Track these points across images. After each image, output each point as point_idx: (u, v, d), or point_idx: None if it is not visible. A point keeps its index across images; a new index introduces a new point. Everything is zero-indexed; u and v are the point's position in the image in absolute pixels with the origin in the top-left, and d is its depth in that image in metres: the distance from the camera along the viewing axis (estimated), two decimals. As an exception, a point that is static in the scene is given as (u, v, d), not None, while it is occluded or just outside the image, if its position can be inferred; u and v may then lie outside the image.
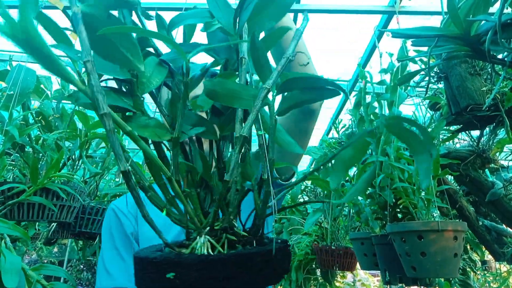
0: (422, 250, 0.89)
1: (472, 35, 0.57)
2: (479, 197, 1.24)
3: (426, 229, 0.89)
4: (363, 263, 1.33)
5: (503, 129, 0.97)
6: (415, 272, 0.92)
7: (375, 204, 1.20)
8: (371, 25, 2.09)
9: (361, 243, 1.30)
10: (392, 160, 1.10)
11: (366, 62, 2.21)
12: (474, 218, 1.33)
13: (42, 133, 1.24)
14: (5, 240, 0.61)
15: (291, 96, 0.41)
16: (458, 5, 0.56)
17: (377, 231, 1.18)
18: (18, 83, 1.13)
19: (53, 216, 1.10)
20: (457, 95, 0.83)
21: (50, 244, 2.38)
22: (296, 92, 0.40)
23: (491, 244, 1.34)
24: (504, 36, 0.51)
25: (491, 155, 1.17)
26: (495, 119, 0.86)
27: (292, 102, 0.41)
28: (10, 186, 1.01)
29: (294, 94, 0.41)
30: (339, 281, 2.65)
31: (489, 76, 0.83)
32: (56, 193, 1.09)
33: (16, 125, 1.12)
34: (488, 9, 0.56)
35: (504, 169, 1.32)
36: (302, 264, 2.21)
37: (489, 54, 0.54)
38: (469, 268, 1.80)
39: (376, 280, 3.99)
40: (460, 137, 1.26)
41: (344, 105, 2.93)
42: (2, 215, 0.96)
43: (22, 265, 0.49)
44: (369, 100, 1.29)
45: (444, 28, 0.62)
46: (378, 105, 1.28)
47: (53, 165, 1.03)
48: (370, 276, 3.89)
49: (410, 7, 1.85)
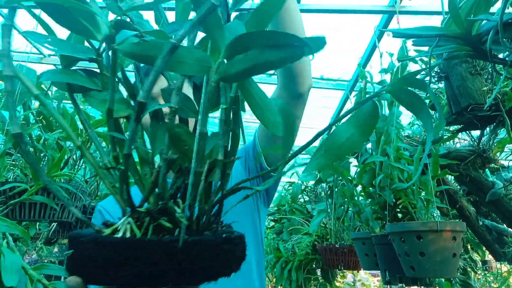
0: (421, 250, 0.89)
1: (473, 35, 0.57)
2: (479, 197, 1.24)
3: (425, 229, 0.89)
4: (364, 263, 1.33)
5: (503, 129, 0.97)
6: (414, 272, 0.92)
7: (375, 204, 1.20)
8: (372, 25, 2.09)
9: (362, 243, 1.30)
10: (392, 160, 1.10)
11: (366, 62, 2.21)
12: (475, 218, 1.34)
13: (43, 133, 1.24)
14: (7, 240, 0.61)
15: (245, 57, 0.32)
16: (459, 4, 0.56)
17: (377, 231, 1.18)
18: (18, 83, 1.13)
19: (55, 216, 1.10)
20: (458, 95, 0.83)
21: (50, 244, 2.38)
22: (253, 52, 0.31)
23: (491, 244, 1.34)
24: (506, 35, 0.51)
25: (491, 155, 1.17)
26: (496, 119, 0.86)
27: (247, 64, 0.32)
28: (12, 186, 1.01)
29: (250, 54, 0.32)
30: (339, 281, 2.65)
31: (490, 76, 0.83)
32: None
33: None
34: (489, 9, 0.56)
35: (504, 169, 1.32)
36: (303, 264, 2.21)
37: (491, 54, 0.54)
38: (469, 268, 1.80)
39: (376, 280, 3.99)
40: (460, 137, 1.27)
41: (344, 105, 2.93)
42: (4, 215, 0.96)
43: (23, 264, 0.49)
44: (369, 100, 1.29)
45: (445, 28, 0.62)
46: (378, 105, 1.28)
47: (55, 164, 1.03)
48: (370, 276, 3.89)
49: (410, 7, 1.85)
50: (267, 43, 0.31)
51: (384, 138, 1.16)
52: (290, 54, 0.31)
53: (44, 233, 2.17)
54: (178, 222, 0.33)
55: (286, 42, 0.30)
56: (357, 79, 2.54)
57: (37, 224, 1.86)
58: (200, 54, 0.32)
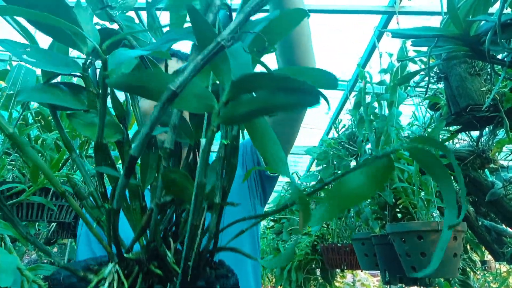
0: (422, 250, 0.89)
1: (471, 35, 0.57)
2: (478, 197, 1.24)
3: (426, 229, 0.89)
4: (363, 263, 1.33)
5: (502, 129, 0.97)
6: (415, 272, 0.92)
7: (375, 204, 1.20)
8: (371, 25, 2.09)
9: (362, 243, 1.30)
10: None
11: (366, 62, 2.21)
12: (474, 218, 1.33)
13: (41, 133, 1.24)
14: (4, 240, 0.61)
15: (253, 99, 0.28)
16: (457, 5, 0.56)
17: (377, 231, 1.18)
18: (18, 83, 1.13)
19: (53, 216, 1.10)
20: (457, 95, 0.83)
21: (49, 244, 2.38)
22: (262, 93, 0.28)
23: (491, 244, 1.34)
24: (504, 36, 0.51)
25: (490, 155, 1.17)
26: (495, 119, 0.86)
27: (255, 106, 0.28)
28: (10, 186, 1.01)
29: (259, 96, 0.28)
30: (338, 281, 2.65)
31: (488, 77, 0.83)
32: (55, 193, 1.09)
33: (16, 125, 1.12)
34: (488, 9, 0.56)
35: (503, 169, 1.32)
36: (302, 264, 2.21)
37: (489, 54, 0.54)
38: (469, 268, 1.80)
39: (376, 280, 3.99)
40: (459, 137, 1.26)
41: (344, 105, 2.94)
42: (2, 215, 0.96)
43: (19, 265, 0.49)
44: (369, 100, 1.29)
45: (443, 28, 0.62)
46: (378, 105, 1.28)
47: (53, 165, 1.03)
48: (370, 276, 3.89)
49: (410, 7, 1.85)
50: (277, 86, 0.27)
51: (384, 138, 1.16)
52: (302, 100, 0.28)
53: (43, 233, 2.17)
54: (169, 267, 0.31)
55: (298, 87, 0.27)
56: (356, 79, 2.54)
57: (36, 224, 1.86)
58: (201, 89, 0.28)
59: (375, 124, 1.23)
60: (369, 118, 1.26)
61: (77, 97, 0.34)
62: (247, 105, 0.28)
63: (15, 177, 1.13)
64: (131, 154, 0.26)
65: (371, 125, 1.24)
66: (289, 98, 0.27)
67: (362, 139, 1.31)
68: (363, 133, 1.31)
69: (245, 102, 0.28)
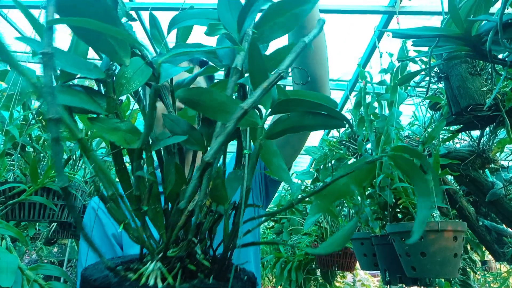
0: (422, 250, 0.89)
1: (473, 35, 0.57)
2: (479, 197, 1.24)
3: (426, 229, 0.89)
4: (363, 263, 1.33)
5: (503, 129, 0.97)
6: (415, 272, 0.92)
7: (375, 204, 1.20)
8: (371, 26, 2.09)
9: (361, 243, 1.30)
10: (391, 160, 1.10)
11: (366, 62, 2.21)
12: (474, 218, 1.33)
13: (42, 133, 1.24)
14: (5, 240, 0.61)
15: (287, 119, 0.35)
16: (459, 5, 0.56)
17: (377, 231, 1.18)
18: (18, 83, 1.13)
19: (54, 216, 1.10)
20: (458, 95, 0.83)
21: (50, 244, 2.38)
22: (294, 115, 0.35)
23: (491, 244, 1.34)
24: (505, 36, 0.51)
25: (491, 155, 1.17)
26: (496, 119, 0.86)
27: (288, 125, 0.35)
28: (11, 186, 1.01)
29: (292, 117, 0.35)
30: (339, 281, 2.65)
31: (489, 76, 0.83)
32: (57, 192, 1.09)
33: (17, 125, 1.13)
34: (489, 9, 0.56)
35: (504, 169, 1.32)
36: (302, 264, 2.21)
37: (490, 54, 0.54)
38: (469, 268, 1.80)
39: (376, 280, 3.99)
40: (460, 137, 1.27)
41: (344, 105, 2.93)
42: (3, 215, 0.96)
43: (20, 265, 0.49)
44: (369, 100, 1.29)
45: (444, 28, 0.62)
46: (378, 105, 1.28)
47: (53, 165, 1.03)
48: (370, 276, 3.90)
49: (410, 7, 1.85)
50: (305, 109, 0.34)
51: (384, 138, 1.16)
52: (328, 123, 0.35)
53: (43, 233, 2.17)
54: (198, 265, 0.33)
55: (325, 111, 0.34)
56: (357, 79, 2.54)
57: (36, 224, 1.86)
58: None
59: (375, 124, 1.23)
60: (369, 118, 1.26)
61: (94, 101, 0.34)
62: (283, 124, 0.35)
63: (16, 177, 1.13)
64: (206, 161, 0.30)
65: (371, 125, 1.24)
66: (317, 120, 0.35)
67: (363, 138, 1.31)
68: (363, 132, 1.31)
69: (282, 121, 0.35)
